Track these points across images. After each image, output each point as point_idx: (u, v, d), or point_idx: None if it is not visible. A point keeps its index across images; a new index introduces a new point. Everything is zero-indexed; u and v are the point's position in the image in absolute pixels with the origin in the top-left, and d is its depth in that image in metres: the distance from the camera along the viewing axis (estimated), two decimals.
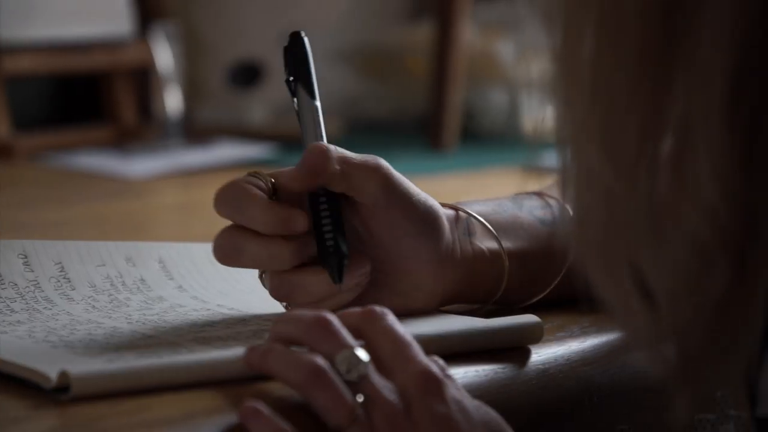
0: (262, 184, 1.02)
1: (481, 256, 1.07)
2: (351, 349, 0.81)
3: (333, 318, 0.82)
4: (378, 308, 0.85)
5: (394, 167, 1.07)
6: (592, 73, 0.69)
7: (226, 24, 2.76)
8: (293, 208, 0.99)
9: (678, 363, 0.73)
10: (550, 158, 0.75)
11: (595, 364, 0.98)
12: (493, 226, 1.08)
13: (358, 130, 2.75)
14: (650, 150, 0.68)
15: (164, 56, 2.54)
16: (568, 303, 1.04)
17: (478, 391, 0.88)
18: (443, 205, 1.07)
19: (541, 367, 0.94)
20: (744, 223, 0.67)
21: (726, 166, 0.64)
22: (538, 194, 1.15)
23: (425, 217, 1.03)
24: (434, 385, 0.80)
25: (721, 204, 0.65)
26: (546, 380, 0.93)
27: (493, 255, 1.07)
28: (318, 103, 1.05)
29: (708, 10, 0.64)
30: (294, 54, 1.05)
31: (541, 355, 0.95)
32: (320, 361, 0.79)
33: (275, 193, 1.02)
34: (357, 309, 0.87)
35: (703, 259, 0.67)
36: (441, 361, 0.83)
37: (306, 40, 1.07)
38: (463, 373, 0.90)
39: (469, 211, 1.07)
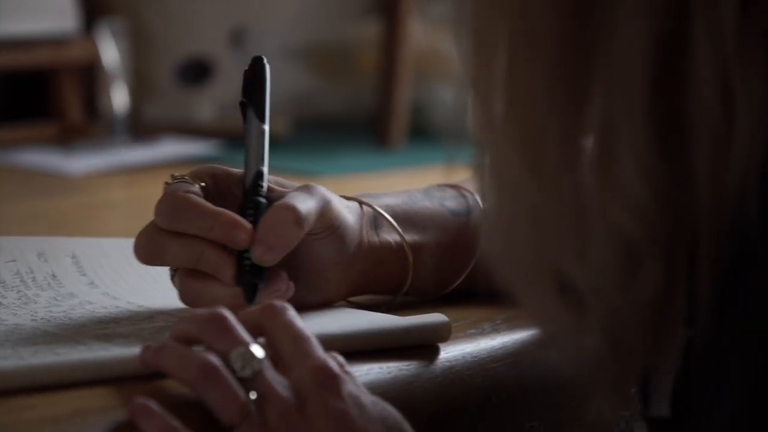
0: (196, 189, 1.01)
1: (388, 248, 1.07)
2: (246, 345, 0.80)
3: (229, 314, 0.82)
4: (278, 304, 0.84)
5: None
6: (507, 81, 0.68)
7: (175, 21, 2.74)
8: (239, 221, 0.99)
9: (606, 362, 0.73)
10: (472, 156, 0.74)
11: (504, 362, 0.97)
12: (401, 218, 1.08)
13: (309, 128, 2.74)
14: (572, 154, 0.68)
15: (111, 53, 2.52)
16: (485, 296, 1.04)
17: (381, 388, 0.87)
18: (348, 198, 1.07)
19: (447, 364, 0.93)
20: (672, 221, 0.67)
21: (650, 163, 0.64)
22: (453, 186, 1.15)
23: (333, 223, 1.03)
24: (330, 380, 0.79)
25: (648, 201, 0.64)
26: (452, 377, 0.92)
27: (400, 247, 1.07)
28: (266, 128, 1.05)
29: (622, 6, 0.63)
30: (252, 77, 1.06)
31: (449, 352, 0.95)
32: (212, 358, 0.79)
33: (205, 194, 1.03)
34: (256, 302, 0.88)
35: (633, 259, 0.67)
36: (340, 357, 0.83)
37: (267, 66, 1.07)
38: (366, 370, 0.89)
39: (373, 205, 1.07)
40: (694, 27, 0.62)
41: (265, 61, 1.05)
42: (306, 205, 0.99)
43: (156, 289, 1.11)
